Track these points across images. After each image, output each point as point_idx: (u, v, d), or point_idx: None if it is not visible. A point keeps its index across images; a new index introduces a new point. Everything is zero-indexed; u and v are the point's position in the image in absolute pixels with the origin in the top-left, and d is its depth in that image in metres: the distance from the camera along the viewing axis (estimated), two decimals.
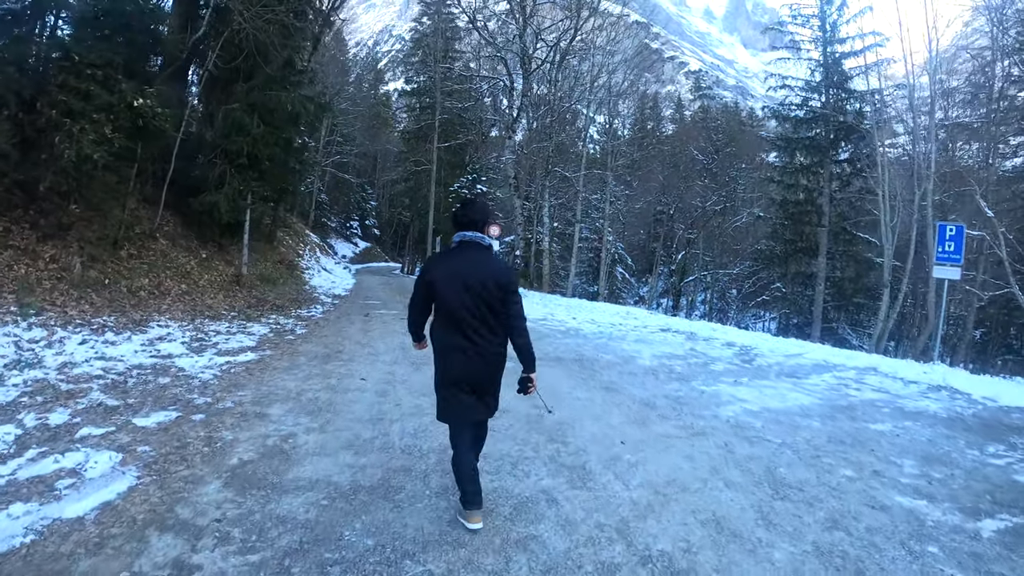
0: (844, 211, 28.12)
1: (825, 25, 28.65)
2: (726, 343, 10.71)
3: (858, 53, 27.57)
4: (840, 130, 27.56)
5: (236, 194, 12.12)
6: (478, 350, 3.35)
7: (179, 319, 9.43)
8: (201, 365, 6.90)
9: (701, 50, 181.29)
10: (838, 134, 27.67)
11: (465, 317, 3.31)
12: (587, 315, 15.29)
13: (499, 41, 25.94)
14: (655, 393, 6.65)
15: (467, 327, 3.32)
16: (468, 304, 3.29)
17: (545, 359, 8.38)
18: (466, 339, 3.33)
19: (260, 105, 12.46)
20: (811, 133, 28.83)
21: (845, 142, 27.99)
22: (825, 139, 27.73)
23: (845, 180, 28.20)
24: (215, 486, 3.77)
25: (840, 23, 28.38)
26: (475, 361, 3.36)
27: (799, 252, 28.96)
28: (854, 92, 27.79)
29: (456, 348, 3.36)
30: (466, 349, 3.34)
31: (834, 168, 27.90)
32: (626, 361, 8.59)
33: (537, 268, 25.29)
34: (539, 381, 3.66)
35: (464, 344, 3.34)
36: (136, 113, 9.22)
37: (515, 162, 24.41)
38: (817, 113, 28.56)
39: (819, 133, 28.37)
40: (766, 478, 4.26)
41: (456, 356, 3.37)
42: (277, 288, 14.71)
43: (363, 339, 9.38)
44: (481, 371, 3.41)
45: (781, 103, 30.23)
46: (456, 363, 3.38)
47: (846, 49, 28.19)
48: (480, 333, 3.34)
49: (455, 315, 3.32)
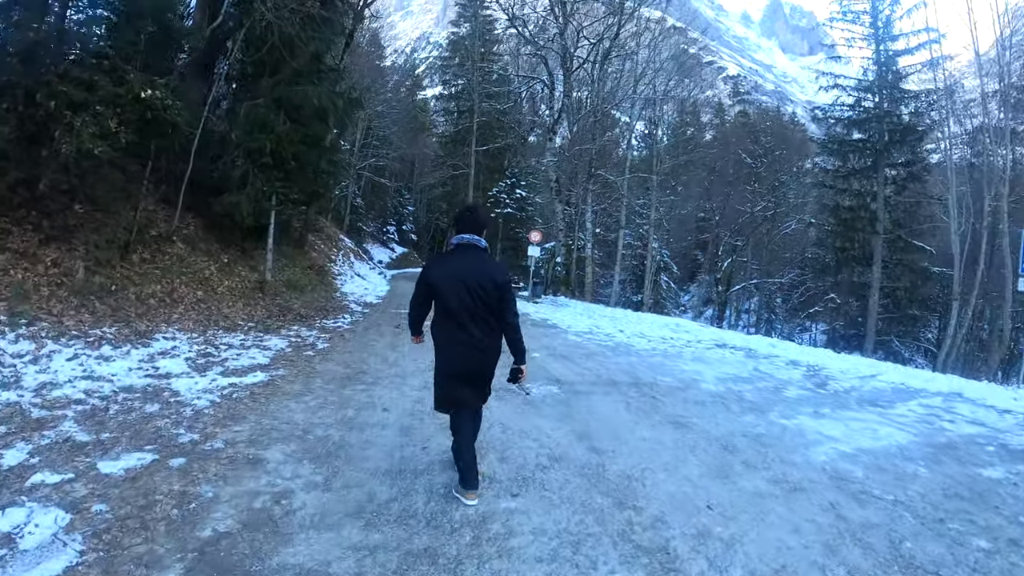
0: (899, 217, 26.80)
1: (877, 21, 27.22)
2: (790, 362, 9.72)
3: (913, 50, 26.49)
4: (895, 131, 26.22)
5: (260, 195, 11.26)
6: (476, 344, 3.59)
7: (189, 330, 8.55)
8: (200, 388, 5.93)
9: (739, 55, 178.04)
10: (892, 136, 26.32)
11: (464, 314, 3.55)
12: (635, 327, 14.26)
13: (539, 40, 24.90)
14: (731, 430, 5.53)
15: (466, 323, 3.56)
16: (467, 303, 3.54)
17: (598, 383, 7.30)
18: (465, 334, 3.57)
19: (286, 101, 11.61)
20: (864, 135, 27.51)
21: (900, 144, 26.59)
22: (879, 141, 26.37)
23: (901, 184, 26.89)
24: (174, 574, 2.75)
25: (893, 19, 26.98)
26: (474, 354, 3.61)
27: (852, 261, 27.57)
28: (909, 92, 26.35)
29: (456, 343, 3.61)
30: (465, 343, 3.59)
31: (889, 172, 26.57)
32: (688, 385, 7.48)
33: (579, 276, 24.09)
34: (595, 411, 4.36)
35: (464, 339, 3.58)
36: (145, 105, 8.38)
37: (556, 165, 23.26)
38: (871, 114, 27.21)
39: (872, 135, 27.05)
40: (894, 558, 3.25)
41: (457, 350, 3.63)
42: (304, 295, 13.84)
43: (390, 356, 8.34)
44: (479, 363, 3.67)
45: (832, 104, 28.85)
46: (457, 356, 3.64)
47: (900, 47, 26.96)
48: (478, 328, 3.58)
49: (455, 312, 3.56)
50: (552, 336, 11.66)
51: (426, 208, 51.07)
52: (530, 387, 4.88)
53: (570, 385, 7.13)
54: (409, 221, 52.33)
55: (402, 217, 51.06)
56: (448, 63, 44.32)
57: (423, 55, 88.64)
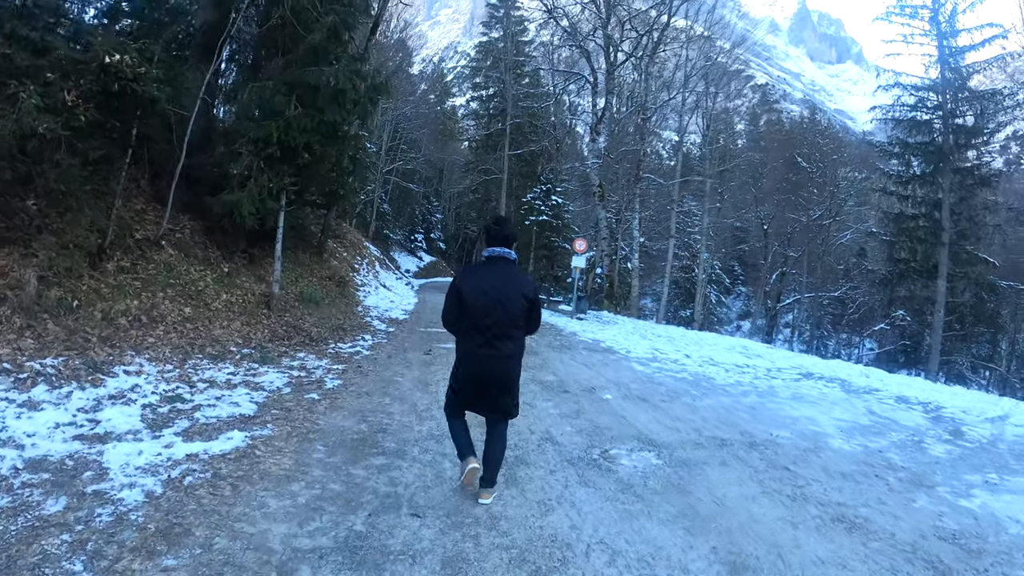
0: (963, 227, 24.64)
1: (939, 16, 24.88)
2: (898, 398, 8.14)
3: (977, 47, 24.11)
4: (960, 133, 24.13)
5: (266, 193, 9.38)
6: (497, 354, 3.62)
7: (164, 359, 6.67)
8: (143, 463, 4.01)
9: (767, 63, 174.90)
10: (957, 138, 24.19)
11: (490, 325, 3.59)
12: (699, 351, 12.29)
13: (580, 34, 22.98)
14: (915, 526, 3.84)
15: (490, 334, 3.59)
16: (494, 314, 3.59)
17: (702, 442, 5.49)
18: (488, 345, 3.61)
19: (299, 83, 9.74)
20: (927, 138, 25.37)
21: (966, 147, 24.58)
22: (944, 144, 24.22)
23: (968, 190, 24.67)
24: None
25: (957, 12, 24.69)
26: (495, 364, 3.64)
27: (913, 273, 25.41)
28: (975, 92, 24.25)
29: (478, 352, 3.64)
30: (487, 353, 3.62)
31: (953, 177, 24.30)
32: (815, 444, 5.62)
33: (623, 289, 21.97)
34: (725, 501, 3.83)
35: (486, 349, 3.61)
36: (113, 75, 6.56)
37: (600, 168, 21.21)
38: (934, 115, 25.05)
39: (936, 137, 24.94)
40: None
41: (478, 357, 3.64)
42: (320, 310, 11.95)
43: (420, 401, 6.32)
44: (499, 373, 3.67)
45: (893, 104, 26.47)
46: (476, 364, 3.66)
47: (963, 42, 24.54)
48: (502, 342, 3.62)
49: (481, 323, 3.60)
50: (615, 365, 9.61)
51: (455, 216, 49.59)
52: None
53: (669, 449, 5.14)
54: (437, 229, 51.16)
55: (430, 225, 49.81)
56: (480, 65, 42.77)
57: (451, 64, 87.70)
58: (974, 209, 24.85)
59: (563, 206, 27.95)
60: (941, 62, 24.79)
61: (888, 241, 26.98)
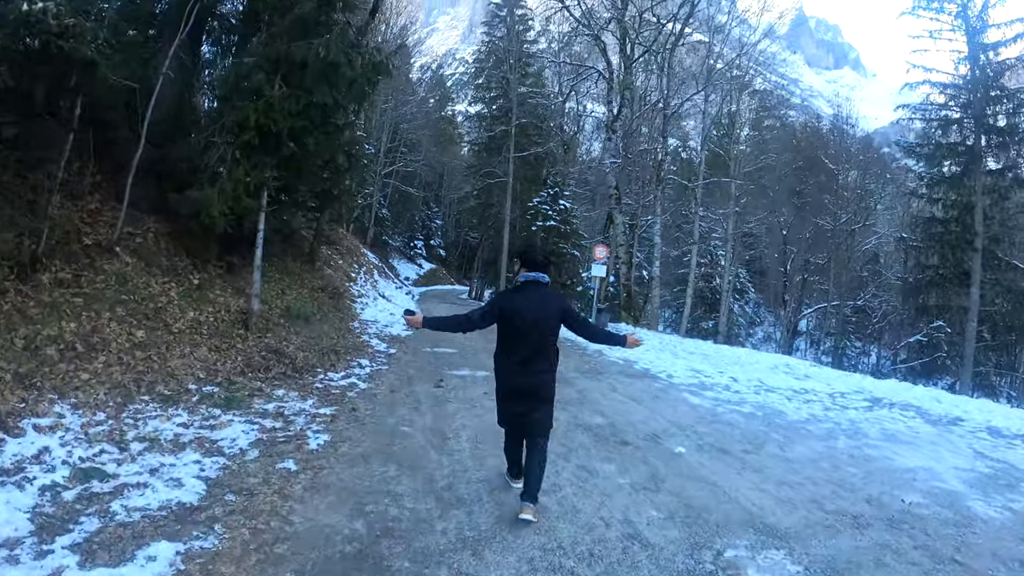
0: (996, 232, 23.45)
1: (968, 10, 23.43)
2: (989, 429, 7.07)
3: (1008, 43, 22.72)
4: (993, 133, 22.84)
5: (241, 189, 7.73)
6: (531, 371, 3.87)
7: (96, 406, 5.03)
8: None
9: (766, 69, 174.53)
10: (990, 138, 22.92)
11: (526, 346, 3.85)
12: (742, 371, 10.85)
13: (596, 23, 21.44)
14: None
15: (525, 355, 3.86)
16: (529, 336, 3.84)
17: (837, 528, 4.00)
18: (522, 364, 3.87)
19: (283, 59, 8.12)
20: (958, 138, 23.99)
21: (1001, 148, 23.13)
22: (976, 144, 22.84)
23: (1001, 193, 23.30)
24: None
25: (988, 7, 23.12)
26: (530, 379, 3.88)
27: (943, 280, 24.05)
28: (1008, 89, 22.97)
29: (514, 371, 3.90)
30: (521, 372, 3.88)
31: (987, 179, 23.04)
32: (960, 516, 4.24)
33: (640, 299, 20.33)
34: None
35: (520, 368, 3.88)
36: (32, 27, 4.95)
37: (617, 168, 19.60)
38: (965, 112, 23.60)
39: (967, 137, 23.57)
40: None
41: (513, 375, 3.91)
42: (310, 328, 10.30)
43: (440, 468, 4.59)
44: (534, 389, 3.89)
45: (922, 103, 25.08)
46: (512, 382, 3.94)
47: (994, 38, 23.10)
48: (538, 361, 3.88)
49: (517, 344, 3.87)
50: (665, 398, 7.96)
51: (455, 222, 48.22)
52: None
53: (801, 543, 3.64)
54: (437, 236, 49.95)
55: (430, 231, 48.57)
56: (483, 65, 41.31)
57: (449, 71, 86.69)
58: (1007, 213, 23.78)
59: (571, 211, 26.40)
60: (971, 59, 23.41)
61: (916, 247, 25.60)
